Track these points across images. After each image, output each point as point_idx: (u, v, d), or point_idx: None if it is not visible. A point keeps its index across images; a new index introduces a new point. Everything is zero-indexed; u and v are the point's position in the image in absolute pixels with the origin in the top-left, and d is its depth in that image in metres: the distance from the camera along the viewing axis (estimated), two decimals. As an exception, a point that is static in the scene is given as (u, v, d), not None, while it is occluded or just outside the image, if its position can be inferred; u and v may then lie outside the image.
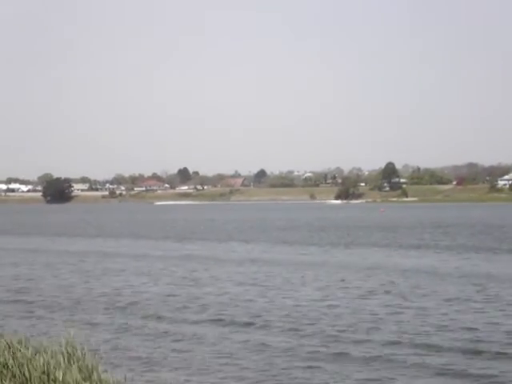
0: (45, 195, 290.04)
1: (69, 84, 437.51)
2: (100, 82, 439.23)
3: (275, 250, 50.68)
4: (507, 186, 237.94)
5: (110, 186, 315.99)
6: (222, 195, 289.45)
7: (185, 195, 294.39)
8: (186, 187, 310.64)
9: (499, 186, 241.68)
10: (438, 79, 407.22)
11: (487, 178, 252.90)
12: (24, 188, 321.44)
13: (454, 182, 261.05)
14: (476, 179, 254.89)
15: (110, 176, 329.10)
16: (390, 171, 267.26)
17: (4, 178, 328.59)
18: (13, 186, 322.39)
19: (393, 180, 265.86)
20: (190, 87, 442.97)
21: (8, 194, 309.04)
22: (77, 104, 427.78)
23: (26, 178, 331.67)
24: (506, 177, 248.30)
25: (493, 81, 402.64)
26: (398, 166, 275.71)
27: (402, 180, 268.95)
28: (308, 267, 37.84)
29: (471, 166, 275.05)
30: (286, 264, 39.88)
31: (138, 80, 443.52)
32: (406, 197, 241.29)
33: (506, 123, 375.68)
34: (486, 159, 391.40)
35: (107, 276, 35.42)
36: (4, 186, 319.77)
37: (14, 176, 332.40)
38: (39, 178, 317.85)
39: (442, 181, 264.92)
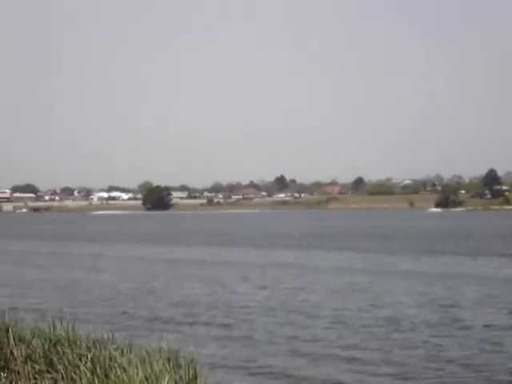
0: (145, 203, 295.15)
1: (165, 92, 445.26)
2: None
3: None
4: None
5: (208, 194, 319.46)
6: (319, 203, 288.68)
7: (282, 203, 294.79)
8: (282, 195, 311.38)
9: None
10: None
11: None
12: (124, 196, 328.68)
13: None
14: None
15: (208, 184, 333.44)
16: (491, 178, 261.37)
17: (105, 187, 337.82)
18: (114, 194, 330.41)
19: (494, 187, 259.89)
20: (291, 100, 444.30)
21: (109, 202, 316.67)
22: (180, 115, 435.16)
23: (127, 186, 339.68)
24: None
25: None
26: (500, 174, 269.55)
27: (504, 187, 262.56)
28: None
29: None
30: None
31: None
32: (509, 204, 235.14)
33: None
34: None
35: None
36: (105, 194, 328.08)
37: (114, 184, 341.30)
38: (139, 186, 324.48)
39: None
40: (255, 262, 48.93)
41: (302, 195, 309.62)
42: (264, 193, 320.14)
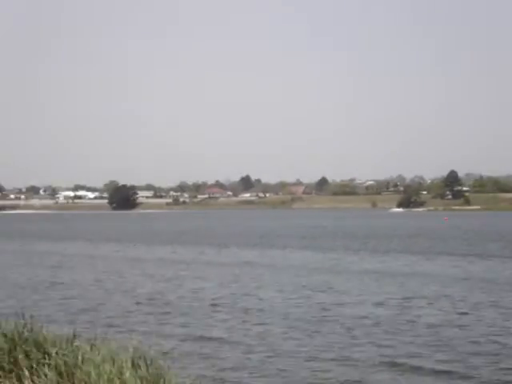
0: (110, 202, 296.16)
1: (133, 93, 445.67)
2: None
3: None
4: None
5: (174, 194, 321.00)
6: (283, 203, 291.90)
7: (247, 203, 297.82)
8: (248, 195, 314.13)
9: None
10: (497, 86, 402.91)
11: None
12: (91, 195, 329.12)
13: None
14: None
15: (174, 183, 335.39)
16: (452, 179, 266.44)
17: (71, 186, 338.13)
18: (80, 193, 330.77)
19: (455, 188, 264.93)
20: (257, 100, 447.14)
21: (75, 200, 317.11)
22: (142, 112, 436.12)
23: (93, 185, 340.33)
24: None
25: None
26: (461, 175, 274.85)
27: (464, 188, 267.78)
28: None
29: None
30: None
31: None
32: (469, 205, 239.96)
33: None
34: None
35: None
36: (71, 193, 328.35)
37: (80, 183, 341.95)
38: (105, 185, 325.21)
39: (505, 189, 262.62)
40: (214, 260, 51.38)
41: (267, 195, 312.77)
42: (230, 192, 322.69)
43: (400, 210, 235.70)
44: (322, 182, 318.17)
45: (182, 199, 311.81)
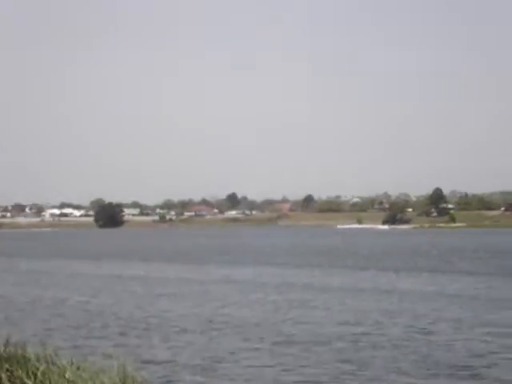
0: (96, 220, 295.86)
1: (114, 113, 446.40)
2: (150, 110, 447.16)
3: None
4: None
5: (160, 211, 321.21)
6: (269, 220, 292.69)
7: (233, 220, 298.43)
8: (234, 212, 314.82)
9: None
10: (483, 106, 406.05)
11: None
12: (77, 213, 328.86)
13: (503, 208, 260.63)
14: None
15: (160, 201, 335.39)
16: (437, 197, 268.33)
17: (57, 203, 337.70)
18: (66, 210, 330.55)
19: (440, 206, 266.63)
20: (240, 114, 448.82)
21: (61, 218, 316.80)
22: (126, 134, 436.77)
23: (80, 203, 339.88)
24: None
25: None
26: (446, 192, 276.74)
27: (449, 206, 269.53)
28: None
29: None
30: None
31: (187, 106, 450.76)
32: (454, 222, 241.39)
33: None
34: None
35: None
36: (57, 211, 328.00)
37: (67, 201, 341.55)
38: (91, 202, 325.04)
39: (490, 206, 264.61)
40: (192, 278, 51.97)
41: (254, 212, 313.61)
42: (216, 210, 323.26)
43: (385, 227, 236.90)
44: (308, 199, 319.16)
45: (168, 217, 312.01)
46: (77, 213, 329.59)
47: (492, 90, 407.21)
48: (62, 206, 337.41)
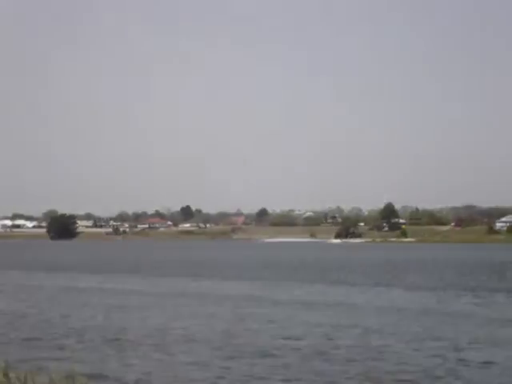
0: (49, 231, 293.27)
1: (67, 124, 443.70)
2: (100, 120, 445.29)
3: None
4: (505, 228, 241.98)
5: (114, 223, 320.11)
6: (223, 233, 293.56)
7: (187, 233, 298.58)
8: (188, 225, 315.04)
9: (497, 227, 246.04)
10: (437, 122, 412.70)
11: (485, 219, 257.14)
12: (29, 224, 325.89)
13: (453, 224, 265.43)
14: (474, 221, 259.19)
15: (113, 213, 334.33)
16: (389, 212, 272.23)
17: (9, 214, 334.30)
18: (18, 222, 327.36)
19: (392, 220, 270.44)
20: (192, 125, 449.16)
21: (13, 230, 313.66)
22: (78, 143, 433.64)
23: (31, 214, 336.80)
24: (504, 219, 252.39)
25: (491, 123, 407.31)
26: (397, 207, 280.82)
27: (401, 220, 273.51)
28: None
29: (469, 207, 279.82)
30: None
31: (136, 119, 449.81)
32: (405, 237, 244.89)
33: (504, 166, 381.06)
34: (484, 201, 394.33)
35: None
36: (9, 222, 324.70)
37: (19, 212, 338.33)
38: (44, 214, 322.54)
39: (440, 222, 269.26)
40: (143, 290, 52.63)
41: (208, 225, 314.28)
42: (170, 222, 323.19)
43: (338, 241, 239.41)
44: (262, 213, 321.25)
45: (121, 229, 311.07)
46: (29, 224, 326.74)
47: (441, 104, 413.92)
48: (14, 217, 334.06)
